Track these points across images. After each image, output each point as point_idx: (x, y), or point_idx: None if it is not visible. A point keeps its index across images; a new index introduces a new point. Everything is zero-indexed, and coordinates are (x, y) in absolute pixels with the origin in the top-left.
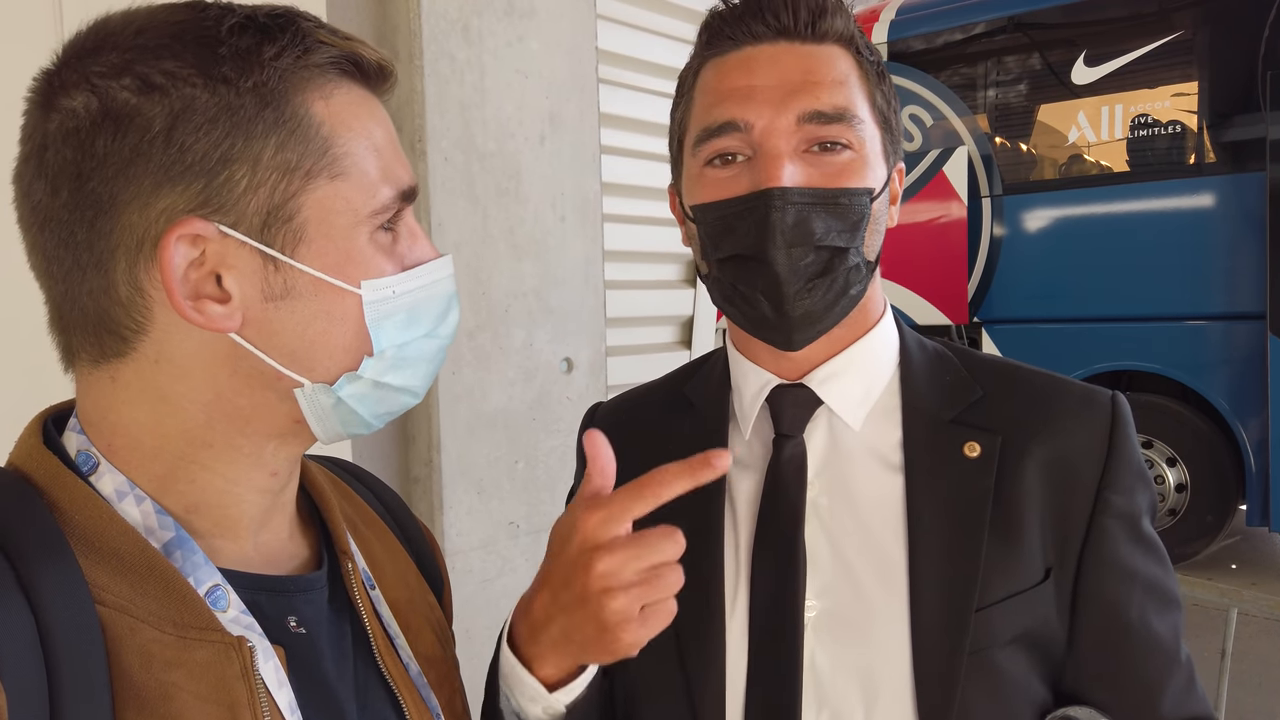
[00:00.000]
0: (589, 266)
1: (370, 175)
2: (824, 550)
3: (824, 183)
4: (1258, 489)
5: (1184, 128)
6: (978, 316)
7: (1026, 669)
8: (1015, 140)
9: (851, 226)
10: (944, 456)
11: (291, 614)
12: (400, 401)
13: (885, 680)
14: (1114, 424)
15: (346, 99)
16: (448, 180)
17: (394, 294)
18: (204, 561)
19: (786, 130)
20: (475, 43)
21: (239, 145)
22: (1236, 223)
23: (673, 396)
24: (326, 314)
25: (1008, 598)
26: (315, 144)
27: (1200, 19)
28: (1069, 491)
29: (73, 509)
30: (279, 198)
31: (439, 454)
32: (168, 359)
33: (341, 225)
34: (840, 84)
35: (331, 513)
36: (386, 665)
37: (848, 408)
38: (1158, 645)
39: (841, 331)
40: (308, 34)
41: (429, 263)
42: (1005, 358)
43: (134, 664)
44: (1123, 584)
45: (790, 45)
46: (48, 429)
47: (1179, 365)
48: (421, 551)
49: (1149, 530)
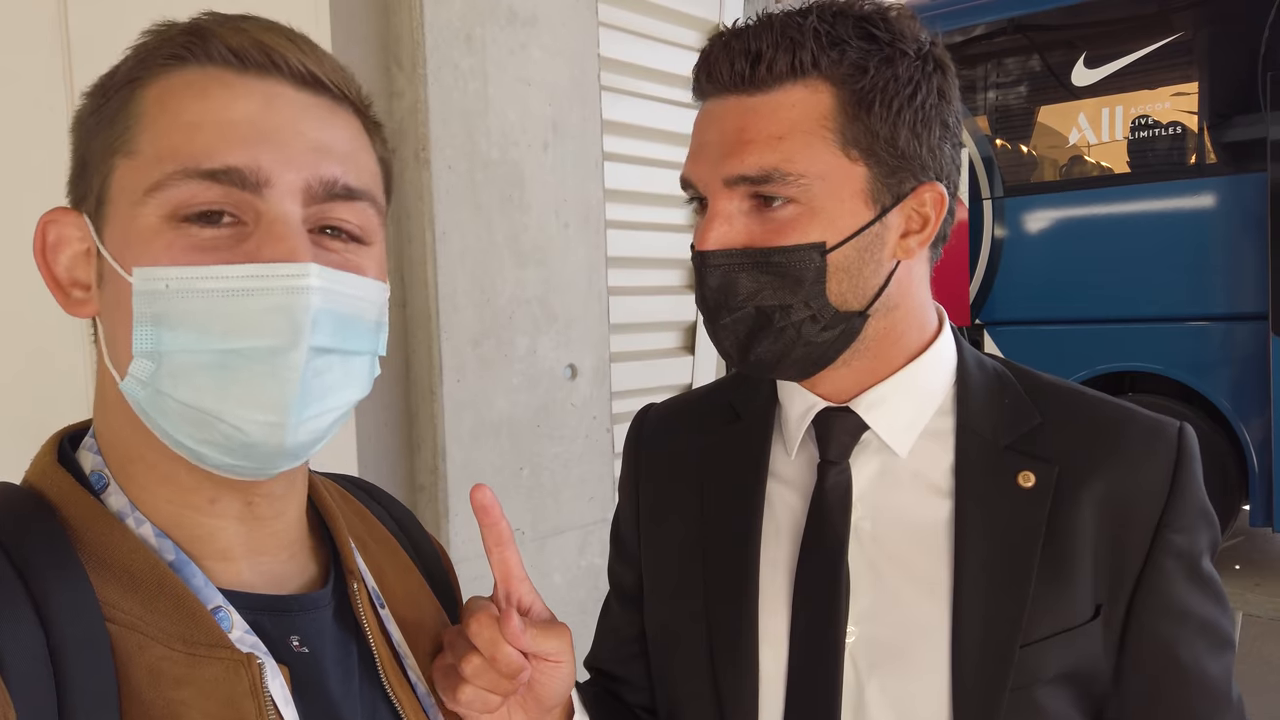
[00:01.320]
0: (592, 273)
1: (158, 152)
2: (866, 576)
3: (763, 240)
4: (1261, 489)
5: (1184, 129)
6: (979, 319)
7: (1068, 705)
8: (1016, 142)
9: (792, 283)
10: (996, 485)
11: (294, 634)
12: (220, 432)
13: (922, 711)
14: (1180, 459)
15: (179, 79)
16: (451, 189)
17: (166, 288)
18: (205, 584)
19: (723, 192)
20: (478, 51)
21: (97, 140)
22: (1238, 223)
23: (720, 406)
24: (117, 302)
25: (1054, 635)
26: (121, 124)
27: (1200, 20)
28: (1126, 526)
29: (84, 526)
30: (99, 181)
31: (444, 462)
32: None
33: (125, 204)
34: (777, 139)
35: (339, 532)
36: (392, 686)
37: (894, 434)
38: (1210, 687)
39: (868, 363)
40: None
41: (250, 264)
42: (1069, 382)
43: (143, 681)
44: (1177, 624)
45: (738, 98)
46: (63, 447)
47: (1181, 366)
48: (434, 570)
49: (1208, 569)
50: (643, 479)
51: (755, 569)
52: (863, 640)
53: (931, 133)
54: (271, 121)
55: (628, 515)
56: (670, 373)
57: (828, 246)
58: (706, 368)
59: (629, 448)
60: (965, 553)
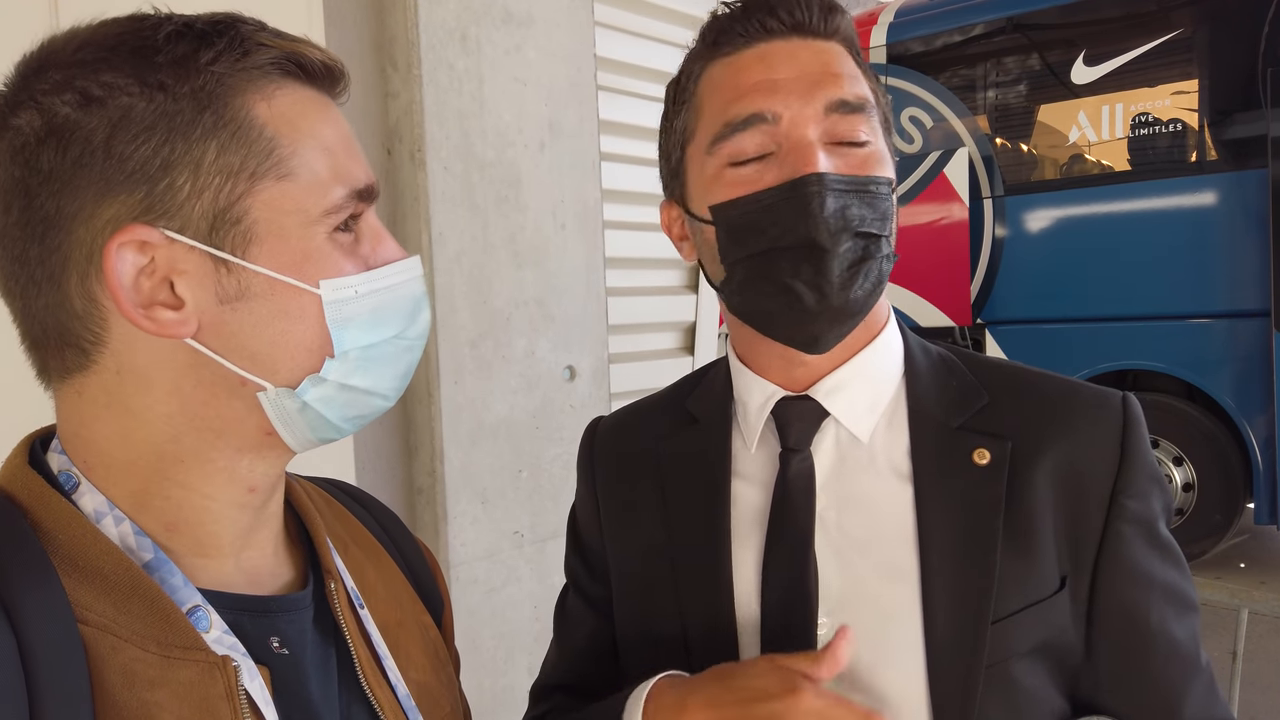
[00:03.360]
0: (590, 274)
1: (320, 175)
2: (833, 564)
3: (853, 171)
4: (1265, 486)
5: (1185, 126)
6: (981, 318)
7: (1044, 680)
8: (1016, 141)
9: (882, 215)
10: (953, 465)
11: (274, 634)
12: (371, 405)
13: (901, 697)
14: (1126, 427)
15: (290, 99)
16: (448, 189)
17: (355, 294)
18: (184, 583)
19: (816, 119)
20: (473, 52)
21: (179, 150)
22: (1239, 220)
23: (675, 412)
24: (285, 314)
25: (1023, 608)
26: (259, 145)
27: (1199, 16)
28: (1082, 497)
29: (55, 528)
30: (224, 201)
31: (442, 464)
32: (129, 370)
33: (293, 225)
34: (855, 78)
35: (317, 531)
36: (371, 688)
37: (855, 418)
38: (1177, 651)
39: (856, 332)
40: (246, 37)
41: (394, 263)
42: (1011, 361)
43: (116, 683)
44: (1140, 590)
45: (805, 41)
46: (34, 449)
47: (1184, 364)
48: (419, 572)
49: (1165, 534)
50: (601, 491)
51: (728, 567)
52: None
53: None
54: (349, 135)
55: (590, 529)
56: (669, 373)
57: (894, 185)
58: None
59: (583, 461)
60: (929, 534)
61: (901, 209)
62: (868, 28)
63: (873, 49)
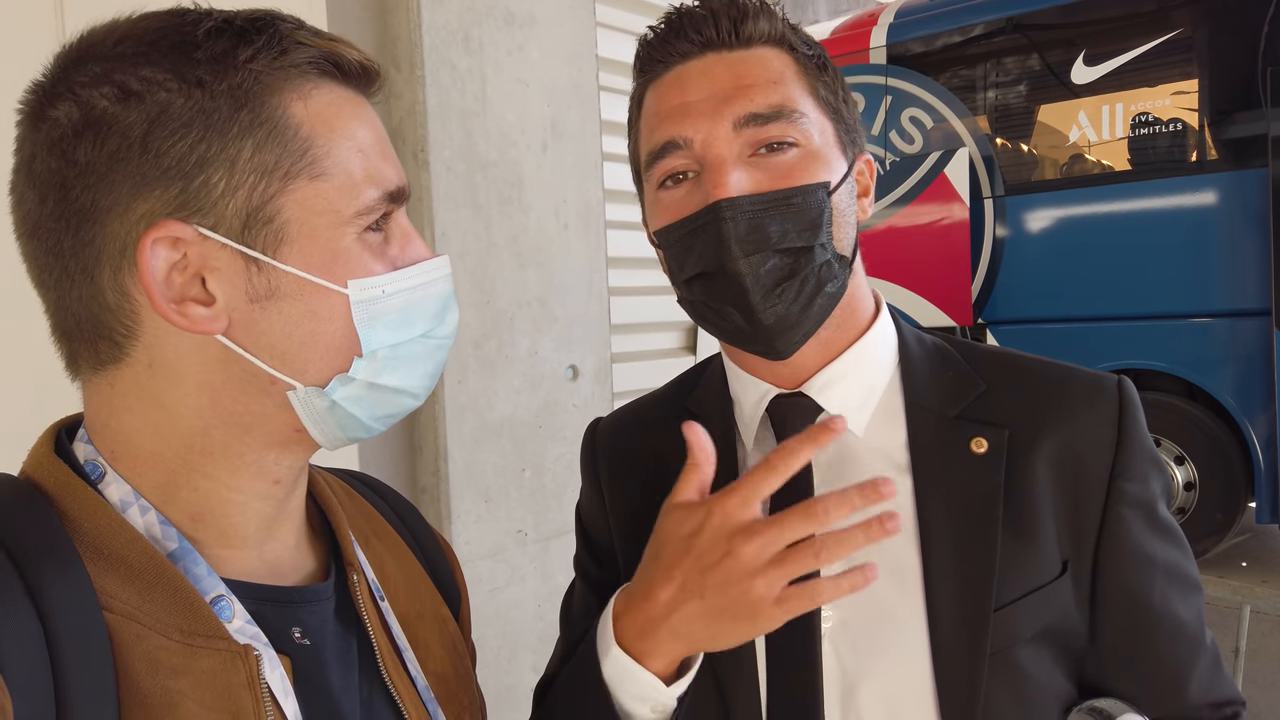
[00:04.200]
0: (593, 273)
1: (353, 176)
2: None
3: (775, 184)
4: (1267, 486)
5: (1185, 125)
6: (982, 318)
7: (1049, 665)
8: (1016, 141)
9: (811, 224)
10: (951, 454)
11: (296, 625)
12: (400, 404)
13: (907, 687)
14: (1122, 410)
15: (327, 99)
16: (450, 190)
17: (383, 294)
18: (207, 573)
19: (726, 138)
20: (476, 52)
21: (215, 147)
22: (1239, 219)
23: (675, 410)
24: (314, 314)
25: (1026, 594)
26: (294, 145)
27: (1199, 16)
28: (1081, 482)
29: (81, 516)
30: (258, 199)
31: (446, 463)
32: (160, 364)
33: (325, 225)
34: (774, 83)
35: (339, 524)
36: (392, 679)
37: (849, 413)
38: (1182, 629)
39: (831, 334)
40: (285, 35)
41: (422, 263)
42: (1006, 349)
43: (140, 670)
44: (1143, 571)
45: (718, 55)
46: (59, 438)
47: (1185, 363)
48: (437, 564)
49: (1165, 515)
50: (607, 487)
51: None
52: (840, 624)
53: (855, 108)
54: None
55: (598, 525)
56: (671, 373)
57: (831, 186)
58: None
59: (586, 460)
60: (930, 525)
61: (902, 209)
62: (867, 28)
63: (872, 50)
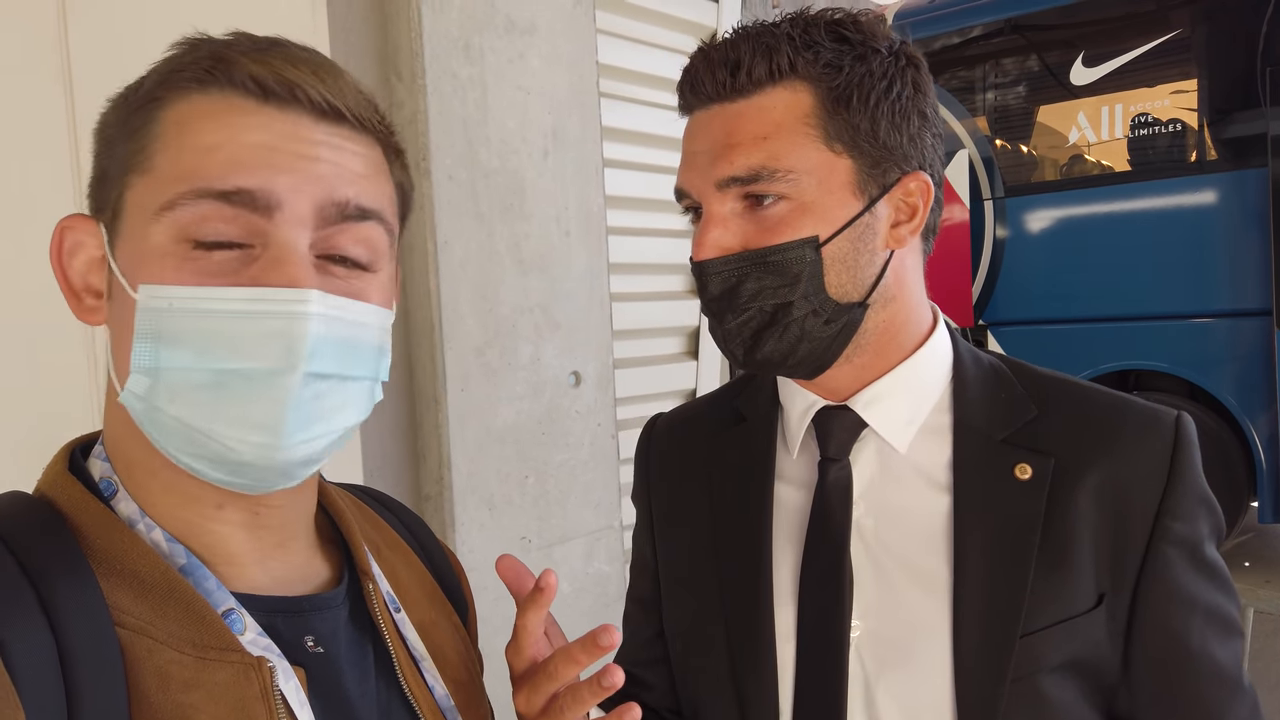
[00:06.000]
0: (594, 280)
1: (172, 170)
2: (868, 571)
3: (758, 240)
4: (1269, 486)
5: (1184, 126)
6: (983, 319)
7: (1075, 695)
8: (1016, 142)
9: (791, 280)
10: (993, 478)
11: (309, 634)
12: (208, 447)
13: (927, 702)
14: (1177, 447)
15: (201, 103)
16: (452, 198)
17: (170, 306)
18: (217, 587)
19: (717, 197)
20: (476, 61)
21: (116, 152)
22: (1239, 219)
23: (724, 410)
24: (121, 315)
25: (1055, 624)
26: (140, 143)
27: (1198, 16)
28: (1126, 516)
29: (94, 533)
30: (115, 195)
31: (449, 471)
32: None
33: (138, 221)
34: (762, 139)
35: (351, 534)
36: (410, 687)
37: (893, 430)
38: (1220, 674)
39: (868, 359)
40: (208, 53)
41: (256, 287)
42: (1066, 375)
43: (152, 685)
44: (1184, 611)
45: (721, 106)
46: (74, 456)
47: (1186, 364)
48: (445, 576)
49: (1212, 555)
50: (654, 486)
51: (769, 567)
52: (867, 635)
53: (910, 123)
54: (288, 149)
55: (642, 523)
56: (674, 378)
57: (821, 240)
58: (710, 372)
59: (640, 457)
60: (964, 546)
61: None
62: None
63: None
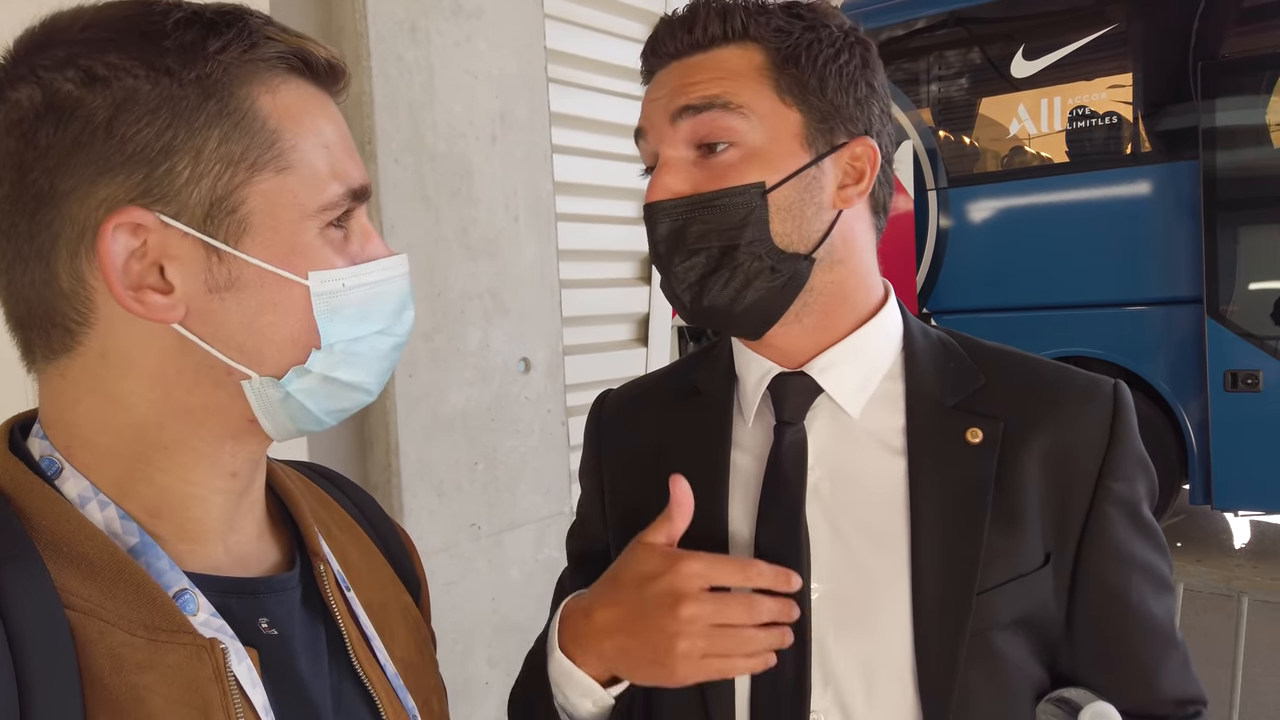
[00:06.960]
0: (544, 266)
1: (318, 171)
2: (825, 534)
3: (706, 185)
4: (1200, 469)
5: (1120, 118)
6: (927, 307)
7: (1025, 651)
8: (958, 134)
9: (737, 224)
10: (946, 442)
11: (263, 615)
12: (353, 399)
13: (887, 660)
14: (1116, 412)
15: (295, 94)
16: (399, 182)
17: (343, 287)
18: (169, 567)
19: (669, 135)
20: (423, 43)
21: (181, 136)
22: (1173, 210)
23: (682, 384)
24: (273, 305)
25: (1008, 581)
26: (261, 137)
27: (1133, 11)
28: (1070, 477)
29: (38, 514)
30: (222, 189)
31: (398, 458)
32: (114, 353)
33: (288, 219)
34: (718, 79)
35: (301, 514)
36: (362, 667)
37: (846, 395)
38: (1155, 627)
39: (818, 320)
40: (255, 29)
41: (382, 259)
42: (1009, 347)
43: (104, 667)
44: (1122, 568)
45: (680, 62)
46: (13, 435)
47: (1121, 350)
48: (397, 554)
49: (1148, 516)
50: (605, 459)
51: (724, 534)
52: (826, 596)
53: (857, 88)
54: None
55: (592, 495)
56: (623, 365)
57: (768, 186)
58: (660, 360)
59: (590, 431)
60: (920, 507)
61: None
62: None
63: None
